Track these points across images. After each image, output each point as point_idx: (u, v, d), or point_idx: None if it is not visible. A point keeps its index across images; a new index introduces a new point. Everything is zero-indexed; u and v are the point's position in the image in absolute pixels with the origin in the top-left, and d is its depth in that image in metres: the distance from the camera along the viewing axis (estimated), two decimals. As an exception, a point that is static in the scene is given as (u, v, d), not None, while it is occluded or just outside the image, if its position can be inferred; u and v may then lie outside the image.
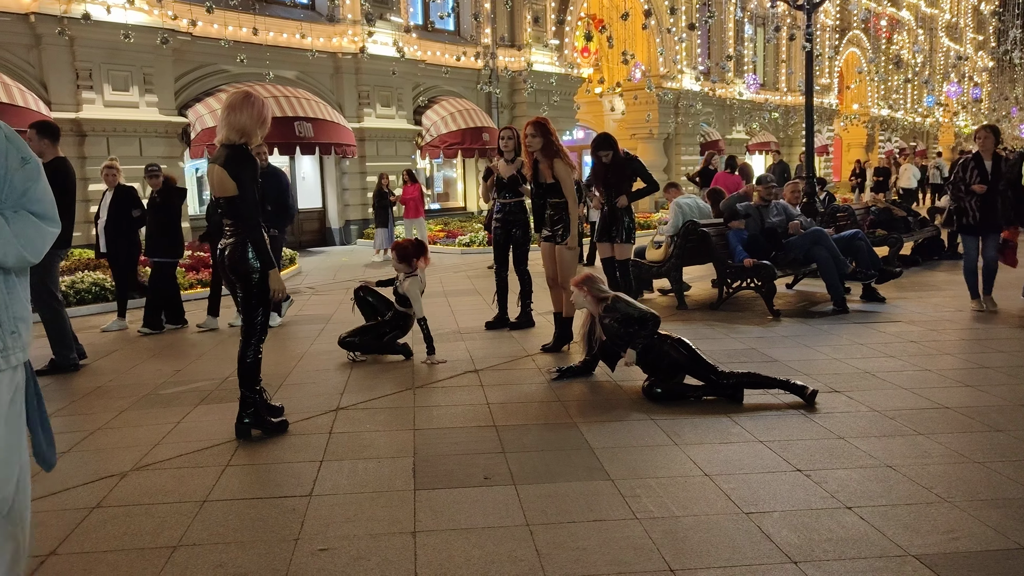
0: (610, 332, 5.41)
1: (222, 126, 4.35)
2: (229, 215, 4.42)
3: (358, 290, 6.84)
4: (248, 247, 4.39)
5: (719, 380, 5.10)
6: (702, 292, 9.61)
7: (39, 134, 6.36)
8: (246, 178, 4.33)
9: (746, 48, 30.49)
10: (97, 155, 13.85)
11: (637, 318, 5.33)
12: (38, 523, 3.48)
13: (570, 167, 6.63)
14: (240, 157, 4.33)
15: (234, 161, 4.30)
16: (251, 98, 4.33)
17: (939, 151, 33.81)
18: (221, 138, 4.38)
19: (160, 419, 5.06)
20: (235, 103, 4.31)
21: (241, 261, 4.40)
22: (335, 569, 3.01)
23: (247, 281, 4.43)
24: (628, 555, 3.07)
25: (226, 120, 4.32)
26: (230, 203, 4.37)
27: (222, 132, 4.36)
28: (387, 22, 18.12)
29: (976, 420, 4.64)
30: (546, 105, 21.10)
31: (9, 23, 13.11)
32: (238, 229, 4.41)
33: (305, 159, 17.97)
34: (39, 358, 6.70)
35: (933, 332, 7.06)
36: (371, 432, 4.67)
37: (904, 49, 41.41)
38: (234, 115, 4.29)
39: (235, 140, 4.33)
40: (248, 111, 4.29)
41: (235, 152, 4.33)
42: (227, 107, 4.33)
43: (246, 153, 4.36)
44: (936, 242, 12.61)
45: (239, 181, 4.30)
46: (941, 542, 3.13)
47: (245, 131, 4.31)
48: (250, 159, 4.39)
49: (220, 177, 4.31)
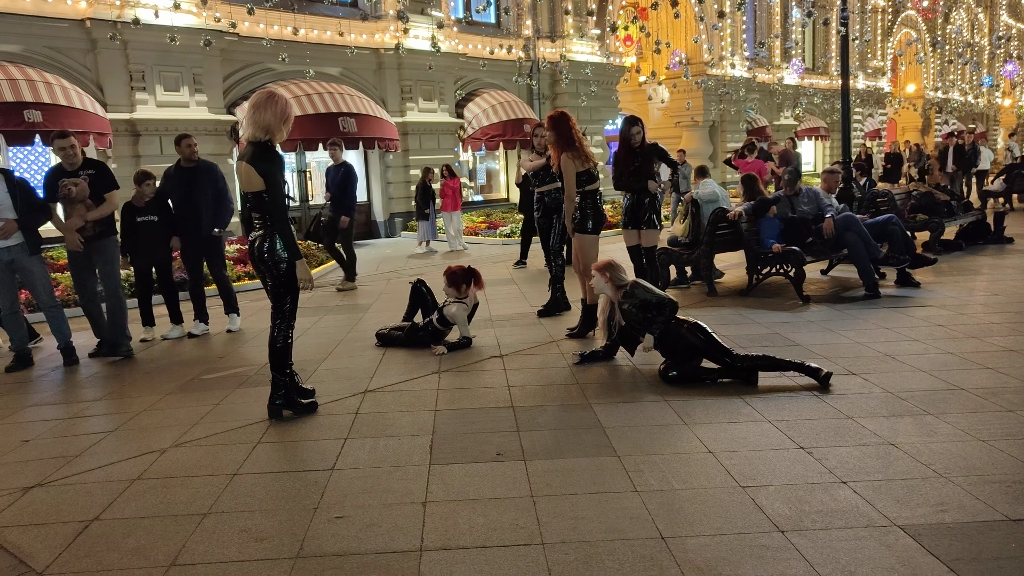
0: (628, 317, 5.56)
1: (248, 124, 4.62)
2: (257, 209, 4.69)
3: (417, 282, 7.14)
4: (276, 238, 4.66)
5: (733, 363, 5.21)
6: (735, 279, 9.65)
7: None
8: (273, 172, 4.59)
9: (793, 33, 30.03)
10: (150, 154, 14.44)
11: (655, 303, 5.47)
12: (85, 492, 3.81)
13: (580, 160, 6.74)
14: (266, 153, 4.59)
15: (260, 157, 4.56)
16: (274, 97, 4.59)
17: (1013, 131, 32.50)
18: (248, 135, 4.65)
19: (200, 401, 5.39)
20: (260, 102, 4.57)
21: (270, 252, 4.67)
22: (348, 535, 3.25)
23: (276, 271, 4.70)
24: (623, 524, 3.25)
25: (252, 118, 4.58)
26: (257, 197, 4.64)
27: (248, 130, 4.63)
28: (427, 16, 18.38)
29: (989, 401, 4.67)
30: (585, 95, 21.13)
31: (67, 28, 13.73)
32: (266, 222, 4.67)
33: (350, 153, 18.32)
34: (83, 347, 7.14)
35: (962, 316, 7.02)
36: (394, 412, 4.91)
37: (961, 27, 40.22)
38: (259, 113, 4.55)
39: (261, 137, 4.59)
40: (272, 109, 4.55)
41: (261, 149, 4.59)
42: (252, 106, 4.59)
43: (272, 149, 4.62)
44: (982, 226, 12.35)
45: (267, 176, 4.56)
46: (929, 514, 3.23)
47: (269, 128, 4.57)
48: (275, 155, 4.65)
49: (248, 173, 4.58)
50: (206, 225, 7.86)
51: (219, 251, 8.19)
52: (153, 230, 7.61)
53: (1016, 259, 10.43)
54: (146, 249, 7.65)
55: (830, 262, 9.65)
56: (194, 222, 7.78)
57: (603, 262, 5.87)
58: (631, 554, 2.99)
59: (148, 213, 7.61)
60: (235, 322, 8.05)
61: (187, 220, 7.78)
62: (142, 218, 7.58)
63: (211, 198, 7.86)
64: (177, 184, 7.76)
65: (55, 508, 3.65)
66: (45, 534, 3.38)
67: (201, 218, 7.80)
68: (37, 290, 6.74)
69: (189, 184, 7.72)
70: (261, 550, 3.15)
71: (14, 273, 6.65)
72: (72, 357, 6.83)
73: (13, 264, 6.58)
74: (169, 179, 7.83)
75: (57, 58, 13.72)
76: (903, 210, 11.29)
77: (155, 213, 7.64)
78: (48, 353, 7.13)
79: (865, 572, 2.80)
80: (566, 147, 6.74)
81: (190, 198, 7.72)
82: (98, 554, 3.17)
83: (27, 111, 12.11)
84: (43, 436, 4.82)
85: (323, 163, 18.65)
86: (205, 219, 7.84)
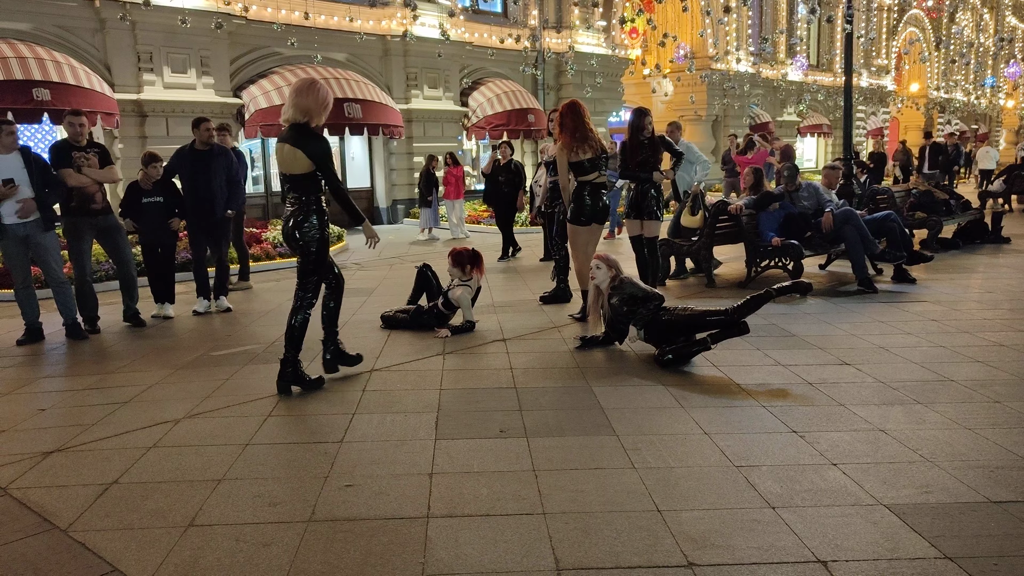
0: (614, 310, 5.75)
1: (288, 107, 4.87)
2: (295, 189, 4.93)
3: (423, 266, 7.28)
4: (312, 217, 4.92)
5: (729, 316, 5.39)
6: (734, 272, 9.78)
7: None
8: (322, 152, 4.86)
9: (798, 29, 30.07)
10: (157, 135, 14.53)
11: (640, 298, 5.66)
12: (103, 458, 3.95)
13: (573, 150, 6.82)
14: (311, 135, 4.85)
15: (307, 140, 4.82)
16: (316, 84, 4.88)
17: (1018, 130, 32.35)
18: (287, 117, 4.89)
19: (211, 376, 5.53)
20: (302, 88, 4.85)
21: (303, 230, 4.93)
22: (358, 502, 3.40)
23: (307, 249, 4.97)
24: (621, 497, 3.39)
25: (293, 102, 4.84)
26: (297, 178, 4.89)
27: (288, 112, 4.88)
28: (435, 4, 18.44)
29: (978, 392, 4.82)
30: (590, 86, 21.21)
31: (76, 8, 13.80)
32: (302, 201, 4.92)
33: (354, 139, 18.48)
34: (111, 322, 7.28)
35: (956, 312, 7.16)
36: (401, 391, 5.06)
37: (966, 27, 40.24)
38: (300, 98, 4.82)
39: (299, 119, 4.85)
40: (313, 95, 4.83)
41: (304, 131, 4.85)
42: (294, 91, 4.86)
43: (314, 131, 4.88)
44: (979, 226, 12.49)
45: (315, 156, 4.82)
46: (913, 495, 3.38)
47: (309, 112, 4.83)
48: (320, 136, 4.92)
49: (292, 154, 4.82)
50: (220, 208, 7.99)
51: (226, 234, 8.36)
52: (158, 211, 7.73)
53: (1012, 258, 10.58)
54: (151, 229, 7.77)
55: (828, 257, 9.80)
56: (207, 204, 7.91)
57: (607, 255, 6.02)
58: (628, 525, 3.14)
59: (154, 195, 7.73)
60: (223, 303, 8.21)
61: (199, 203, 7.90)
62: (148, 199, 7.70)
63: (225, 182, 8.01)
64: (190, 166, 7.88)
65: (75, 472, 3.80)
66: (67, 495, 3.52)
67: (215, 201, 7.93)
68: (50, 266, 6.87)
69: (203, 167, 7.84)
70: (275, 514, 3.29)
71: (28, 249, 6.78)
72: (79, 333, 6.97)
73: (28, 240, 6.71)
74: (182, 158, 7.93)
75: (66, 37, 13.79)
76: (902, 207, 11.43)
77: (161, 194, 7.76)
78: (56, 328, 7.27)
79: (850, 545, 2.95)
80: (560, 138, 6.89)
81: (204, 181, 7.84)
82: (119, 514, 3.32)
83: (36, 89, 12.20)
84: (58, 406, 4.96)
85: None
86: (219, 202, 7.97)
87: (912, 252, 8.95)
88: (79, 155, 7.01)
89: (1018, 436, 4.05)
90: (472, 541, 3.03)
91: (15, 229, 6.63)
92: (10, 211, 6.56)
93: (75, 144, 7.09)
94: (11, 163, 6.58)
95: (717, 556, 2.89)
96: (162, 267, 7.94)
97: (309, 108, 4.82)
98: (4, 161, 6.56)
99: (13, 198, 6.52)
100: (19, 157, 6.63)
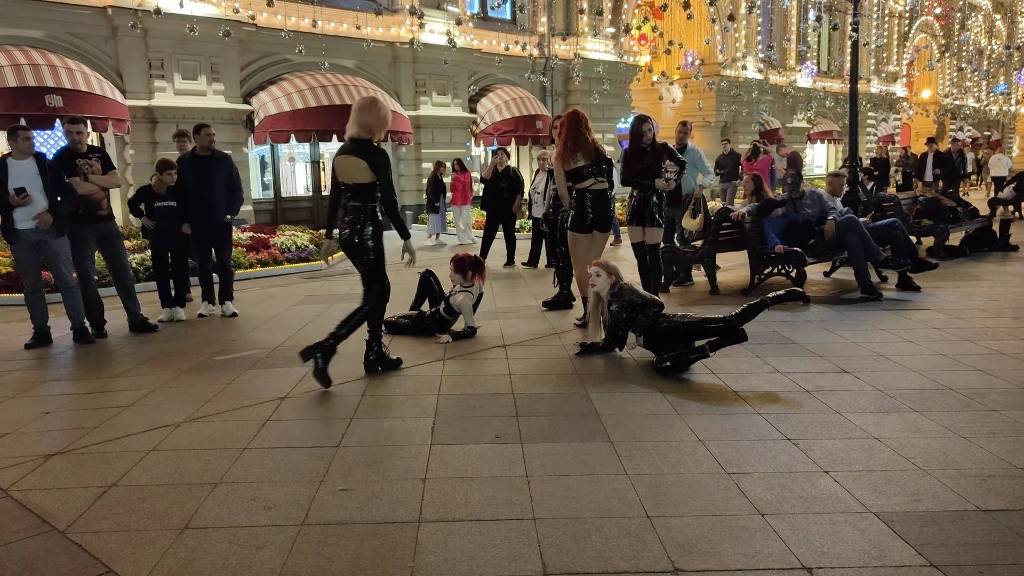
0: (614, 317, 5.77)
1: (352, 124, 5.30)
2: (356, 199, 5.33)
3: (426, 272, 7.36)
4: (368, 225, 5.34)
5: (729, 323, 5.43)
6: (737, 279, 9.79)
7: None
8: (384, 166, 5.28)
9: (807, 35, 30.04)
10: (167, 140, 14.61)
11: (640, 304, 5.69)
12: (104, 461, 4.01)
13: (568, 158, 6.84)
14: (373, 150, 5.27)
15: (369, 153, 5.24)
16: (377, 103, 5.32)
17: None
18: (352, 133, 5.32)
19: (213, 381, 5.59)
20: (364, 106, 5.29)
21: (361, 239, 5.34)
22: (351, 505, 3.44)
23: (365, 256, 5.41)
24: (612, 503, 3.42)
25: (355, 119, 5.27)
26: (358, 188, 5.29)
27: (352, 128, 5.31)
28: (443, 11, 18.53)
29: (975, 400, 4.82)
30: (597, 93, 21.26)
31: (89, 16, 13.96)
32: (359, 211, 5.32)
33: (363, 146, 18.56)
34: (116, 327, 7.37)
35: (959, 320, 7.15)
36: (399, 396, 5.10)
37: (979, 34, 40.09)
38: (362, 115, 5.26)
39: (362, 135, 5.28)
40: (374, 113, 5.28)
41: (366, 145, 5.27)
42: (357, 109, 5.30)
43: (375, 146, 5.32)
44: (987, 233, 12.44)
45: (377, 169, 5.24)
46: (903, 503, 3.39)
47: (370, 128, 5.28)
48: (381, 150, 5.33)
49: (355, 165, 5.24)
50: (220, 213, 8.09)
51: (228, 239, 8.47)
52: (172, 215, 7.85)
53: (1019, 266, 10.54)
54: (163, 232, 7.88)
55: (832, 264, 9.79)
56: (209, 210, 8.01)
57: (607, 262, 6.05)
58: (617, 531, 3.17)
59: (167, 199, 7.85)
60: (229, 308, 8.27)
61: (201, 208, 7.99)
62: (161, 203, 7.82)
63: (225, 187, 8.11)
64: (192, 172, 7.98)
65: (75, 474, 3.86)
66: (66, 497, 3.58)
67: (216, 206, 8.04)
68: (60, 271, 6.96)
69: (205, 173, 7.95)
70: (269, 517, 3.34)
71: (39, 253, 6.87)
72: (87, 337, 7.05)
73: (40, 244, 6.81)
74: (184, 165, 8.04)
75: (78, 44, 13.94)
76: (908, 215, 11.41)
77: (174, 199, 7.88)
78: (64, 332, 7.34)
79: (837, 552, 2.97)
80: (556, 147, 7.00)
81: (206, 186, 7.95)
82: (116, 516, 3.37)
83: (48, 96, 12.34)
84: (62, 409, 5.03)
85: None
86: (219, 207, 8.07)
87: (917, 260, 8.94)
88: (83, 162, 7.13)
89: (1012, 445, 4.05)
90: (461, 546, 3.07)
91: (27, 234, 6.72)
92: (23, 216, 6.65)
93: (77, 151, 7.20)
94: (27, 168, 6.67)
95: (703, 562, 2.91)
96: (175, 271, 8.05)
97: (370, 124, 5.27)
98: (20, 167, 6.66)
99: (27, 206, 6.62)
100: (34, 163, 6.73)
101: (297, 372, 5.70)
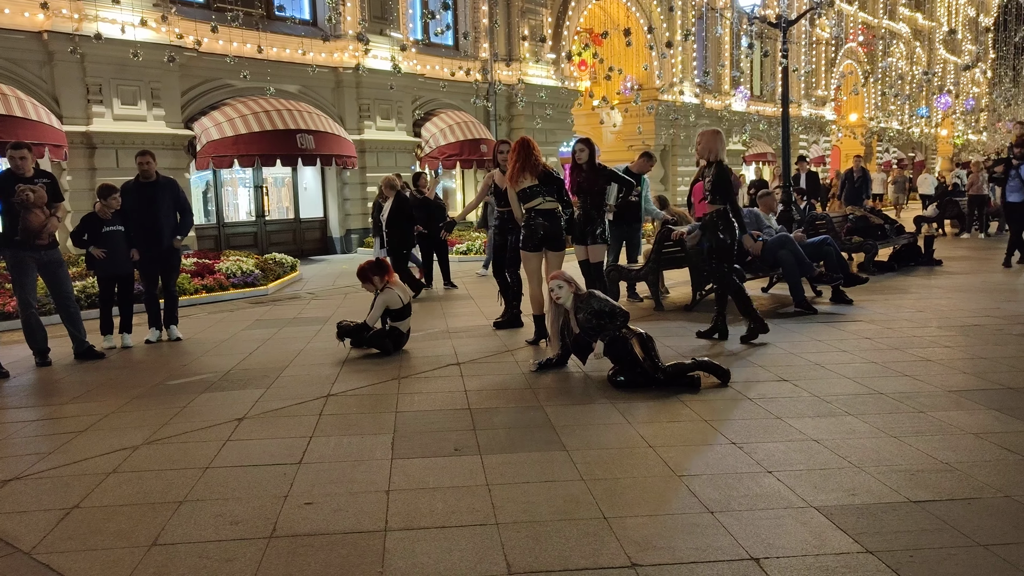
0: (582, 325, 5.93)
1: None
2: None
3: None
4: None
5: (654, 375, 5.58)
6: (681, 296, 10.11)
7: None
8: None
9: (741, 62, 31.09)
10: (106, 167, 14.45)
11: (608, 312, 5.86)
12: (63, 484, 4.01)
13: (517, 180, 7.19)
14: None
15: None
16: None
17: (966, 162, 33.31)
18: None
19: (168, 404, 5.58)
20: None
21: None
22: (318, 518, 3.52)
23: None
24: (570, 506, 3.58)
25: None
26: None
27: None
28: (387, 37, 18.71)
29: (904, 404, 5.13)
30: (540, 117, 21.66)
31: (23, 40, 13.73)
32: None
33: (307, 170, 18.55)
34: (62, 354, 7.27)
35: (888, 330, 7.55)
36: (357, 414, 5.19)
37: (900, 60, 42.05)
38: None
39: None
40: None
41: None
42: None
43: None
44: (913, 249, 13.07)
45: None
46: (841, 498, 3.63)
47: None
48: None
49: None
50: (167, 237, 8.07)
51: (176, 265, 8.52)
52: (121, 240, 7.81)
53: (943, 280, 11.11)
54: (113, 258, 7.82)
55: (769, 280, 10.19)
56: (155, 236, 7.99)
57: (561, 272, 6.22)
58: (576, 531, 3.32)
59: (115, 223, 7.80)
60: (175, 332, 8.28)
61: (147, 234, 7.97)
62: (109, 228, 7.76)
63: (172, 212, 8.10)
64: (137, 200, 7.96)
65: (35, 498, 3.85)
66: (28, 520, 3.58)
67: (162, 232, 8.02)
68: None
69: (150, 200, 7.95)
70: (236, 531, 3.40)
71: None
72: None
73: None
74: (128, 194, 8.00)
75: (12, 69, 13.69)
76: (840, 232, 11.93)
77: (122, 223, 7.84)
78: (24, 355, 7.23)
79: (781, 544, 3.18)
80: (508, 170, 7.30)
81: (152, 213, 7.95)
82: (82, 536, 3.39)
83: (-18, 122, 12.09)
84: (13, 436, 4.97)
85: (280, 179, 18.80)
86: (166, 232, 8.05)
87: (849, 274, 9.38)
88: (23, 187, 6.93)
89: (939, 443, 4.35)
90: (428, 551, 3.18)
91: None
92: None
93: (19, 176, 7.08)
94: None
95: (658, 557, 3.09)
96: (121, 297, 8.00)
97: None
98: None
99: None
100: None
101: (253, 394, 5.73)
